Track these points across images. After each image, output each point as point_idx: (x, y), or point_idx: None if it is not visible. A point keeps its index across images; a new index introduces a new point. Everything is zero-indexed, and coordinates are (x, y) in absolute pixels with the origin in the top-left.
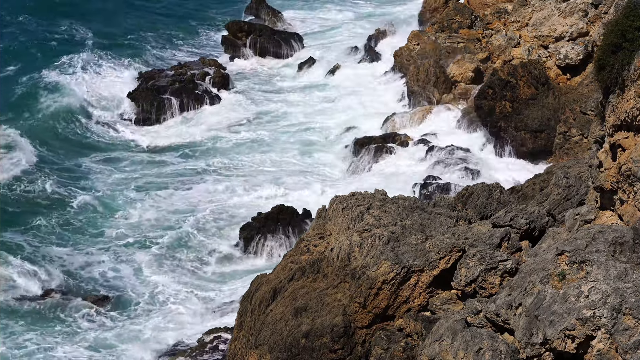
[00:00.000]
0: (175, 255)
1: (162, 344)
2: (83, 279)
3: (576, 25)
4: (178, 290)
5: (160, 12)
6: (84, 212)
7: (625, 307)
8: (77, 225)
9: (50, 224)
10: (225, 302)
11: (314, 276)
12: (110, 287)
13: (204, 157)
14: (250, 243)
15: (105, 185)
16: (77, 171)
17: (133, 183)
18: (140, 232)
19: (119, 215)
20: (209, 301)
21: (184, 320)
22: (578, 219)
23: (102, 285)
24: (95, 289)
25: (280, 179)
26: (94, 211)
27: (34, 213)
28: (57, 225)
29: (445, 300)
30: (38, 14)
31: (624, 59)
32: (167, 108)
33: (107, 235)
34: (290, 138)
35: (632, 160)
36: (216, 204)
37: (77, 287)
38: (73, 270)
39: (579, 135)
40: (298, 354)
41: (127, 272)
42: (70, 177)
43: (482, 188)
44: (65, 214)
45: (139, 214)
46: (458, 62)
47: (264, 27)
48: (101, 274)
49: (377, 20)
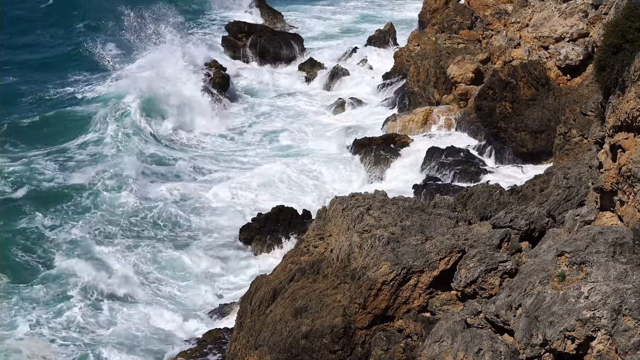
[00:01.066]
0: (175, 255)
1: (161, 344)
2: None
3: (576, 26)
4: (178, 290)
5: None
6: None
7: (625, 308)
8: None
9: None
10: (225, 303)
11: (313, 277)
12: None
13: (204, 158)
14: (250, 244)
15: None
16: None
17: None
18: (137, 230)
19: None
20: (208, 301)
21: (183, 321)
22: (578, 220)
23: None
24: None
25: (279, 180)
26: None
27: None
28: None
29: (445, 301)
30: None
31: (624, 59)
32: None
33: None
34: (291, 138)
35: (632, 161)
36: (216, 204)
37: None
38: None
39: (579, 136)
40: (298, 354)
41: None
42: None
43: (482, 189)
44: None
45: (138, 212)
46: (458, 63)
47: (264, 28)
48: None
49: (377, 20)
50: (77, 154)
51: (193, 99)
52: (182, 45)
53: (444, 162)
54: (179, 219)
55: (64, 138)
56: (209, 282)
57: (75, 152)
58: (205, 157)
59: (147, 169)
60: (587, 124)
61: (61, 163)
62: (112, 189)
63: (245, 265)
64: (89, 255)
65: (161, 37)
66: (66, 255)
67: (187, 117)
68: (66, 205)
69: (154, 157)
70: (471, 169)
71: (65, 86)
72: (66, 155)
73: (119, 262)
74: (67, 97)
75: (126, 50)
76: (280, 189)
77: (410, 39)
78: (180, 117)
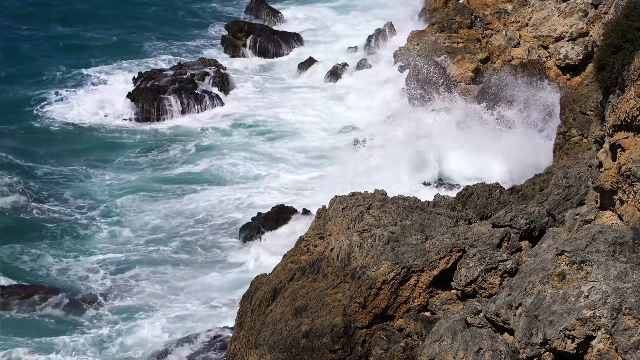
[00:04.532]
0: (174, 255)
1: (161, 344)
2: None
3: (576, 25)
4: (177, 290)
5: (160, 12)
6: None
7: (625, 307)
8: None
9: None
10: (225, 303)
11: (313, 276)
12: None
13: (203, 159)
14: (249, 243)
15: (101, 187)
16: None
17: (132, 184)
18: (141, 234)
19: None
20: (208, 301)
21: (182, 321)
22: (578, 219)
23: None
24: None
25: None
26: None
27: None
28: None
29: (445, 300)
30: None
31: (624, 59)
32: (167, 108)
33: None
34: (290, 138)
35: (632, 160)
36: (216, 205)
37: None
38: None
39: (579, 135)
40: (298, 354)
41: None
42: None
43: (482, 188)
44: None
45: (139, 216)
46: (458, 62)
47: (264, 27)
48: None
49: (377, 20)
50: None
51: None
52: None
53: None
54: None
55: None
56: (209, 281)
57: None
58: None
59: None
60: (587, 123)
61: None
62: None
63: (244, 264)
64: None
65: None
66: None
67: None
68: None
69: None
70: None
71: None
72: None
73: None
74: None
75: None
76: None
77: (410, 38)
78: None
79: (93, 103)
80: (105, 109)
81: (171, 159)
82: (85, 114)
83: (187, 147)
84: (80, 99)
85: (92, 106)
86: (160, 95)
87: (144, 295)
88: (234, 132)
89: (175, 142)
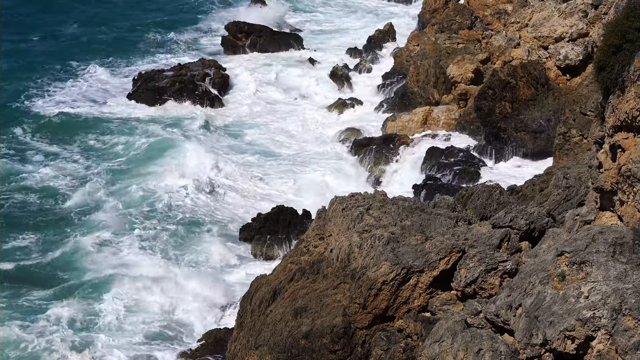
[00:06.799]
0: (174, 255)
1: (161, 344)
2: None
3: (576, 26)
4: (177, 290)
5: (160, 12)
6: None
7: (625, 308)
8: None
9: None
10: (225, 303)
11: (313, 277)
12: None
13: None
14: (249, 244)
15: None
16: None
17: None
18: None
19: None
20: (208, 301)
21: (181, 321)
22: (578, 219)
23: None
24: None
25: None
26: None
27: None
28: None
29: (445, 301)
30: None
31: (624, 59)
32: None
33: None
34: (290, 138)
35: (632, 161)
36: (216, 205)
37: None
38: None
39: (579, 136)
40: (298, 354)
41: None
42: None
43: (481, 189)
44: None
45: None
46: (458, 62)
47: (264, 27)
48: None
49: (377, 20)
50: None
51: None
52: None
53: (444, 162)
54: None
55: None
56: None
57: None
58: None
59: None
60: (587, 123)
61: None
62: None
63: (244, 265)
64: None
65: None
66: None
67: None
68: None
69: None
70: (471, 169)
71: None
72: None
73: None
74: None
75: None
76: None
77: (410, 39)
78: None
79: (93, 103)
80: (105, 108)
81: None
82: (85, 114)
83: (187, 147)
84: (80, 99)
85: (93, 106)
86: (160, 96)
87: (143, 294)
88: (233, 132)
89: (175, 142)
